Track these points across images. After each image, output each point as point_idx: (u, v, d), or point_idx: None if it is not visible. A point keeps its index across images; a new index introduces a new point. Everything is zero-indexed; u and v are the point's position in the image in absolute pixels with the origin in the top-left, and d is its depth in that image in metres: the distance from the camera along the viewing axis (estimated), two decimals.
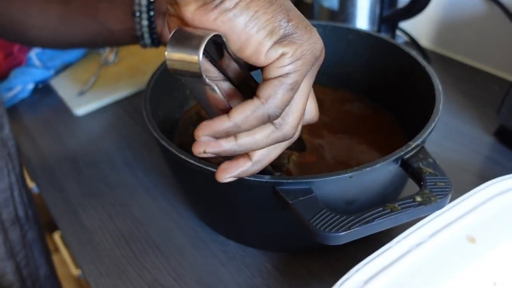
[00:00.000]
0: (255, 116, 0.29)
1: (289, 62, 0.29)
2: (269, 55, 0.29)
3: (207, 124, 0.30)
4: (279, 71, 0.29)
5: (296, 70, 0.29)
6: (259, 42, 0.28)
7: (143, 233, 0.52)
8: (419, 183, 0.36)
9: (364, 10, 0.75)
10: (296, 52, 0.29)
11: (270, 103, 0.29)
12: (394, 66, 0.53)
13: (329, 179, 0.36)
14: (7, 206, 0.55)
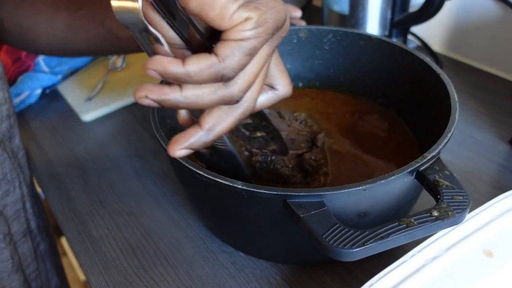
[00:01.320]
0: (209, 71, 0.29)
1: (251, 28, 0.28)
2: (233, 19, 0.28)
3: (160, 60, 0.29)
4: (240, 35, 0.28)
5: (257, 36, 0.29)
6: (223, 6, 0.28)
7: (151, 243, 0.51)
8: (436, 196, 0.35)
9: (375, 15, 0.74)
10: (259, 19, 0.29)
11: (226, 63, 0.29)
12: (407, 73, 0.52)
13: (342, 192, 0.35)
14: (18, 219, 0.55)
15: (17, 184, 0.53)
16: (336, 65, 0.60)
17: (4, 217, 0.52)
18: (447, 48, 0.80)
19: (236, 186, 0.35)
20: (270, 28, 0.30)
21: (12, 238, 0.53)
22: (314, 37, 0.58)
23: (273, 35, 0.31)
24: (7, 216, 0.53)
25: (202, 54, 0.29)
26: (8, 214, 0.53)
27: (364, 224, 0.39)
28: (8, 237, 0.52)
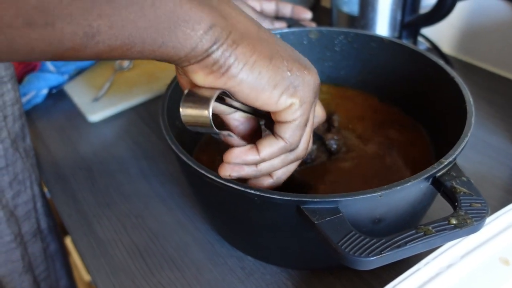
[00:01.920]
0: (279, 152, 0.36)
1: (297, 108, 0.34)
2: (279, 105, 0.33)
3: (237, 154, 0.35)
4: (292, 116, 0.34)
5: (304, 112, 0.34)
6: (268, 97, 0.32)
7: (159, 246, 0.50)
8: (453, 203, 0.34)
9: (385, 16, 0.73)
10: (301, 100, 0.34)
11: (291, 142, 0.35)
12: (420, 75, 0.51)
13: (357, 198, 0.34)
14: (29, 219, 0.54)
15: (29, 184, 0.53)
16: (346, 67, 0.59)
17: (15, 218, 0.52)
18: (458, 50, 0.79)
19: (248, 191, 0.35)
20: (311, 99, 0.35)
21: (23, 239, 0.53)
22: (325, 39, 0.58)
23: (314, 101, 0.36)
24: (18, 217, 0.52)
25: (270, 139, 0.35)
26: (19, 215, 0.53)
27: (378, 230, 0.38)
28: (19, 237, 0.52)
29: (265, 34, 0.32)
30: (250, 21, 0.32)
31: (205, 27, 0.28)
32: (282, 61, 0.32)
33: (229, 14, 0.30)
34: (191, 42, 0.28)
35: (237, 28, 0.30)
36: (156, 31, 0.26)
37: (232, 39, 0.29)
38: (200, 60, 0.29)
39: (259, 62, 0.31)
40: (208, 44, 0.29)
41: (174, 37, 0.27)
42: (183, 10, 0.27)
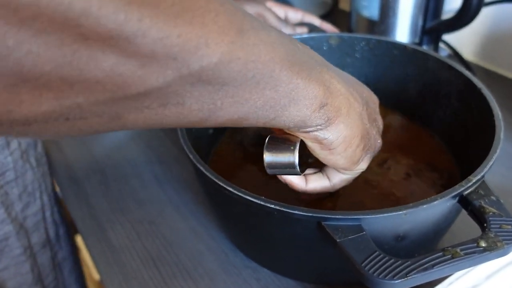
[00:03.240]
0: (321, 189, 0.39)
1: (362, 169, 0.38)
2: (356, 170, 0.37)
3: (293, 182, 0.39)
4: (354, 173, 0.38)
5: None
6: (351, 164, 0.36)
7: (172, 254, 0.49)
8: (482, 224, 0.33)
9: (405, 21, 0.71)
10: (371, 158, 0.38)
11: (335, 187, 0.39)
12: (444, 86, 0.50)
13: (381, 216, 0.33)
14: (38, 229, 0.54)
15: (38, 195, 0.52)
16: (367, 74, 0.57)
17: (24, 230, 0.51)
18: (480, 57, 0.77)
19: (268, 205, 0.33)
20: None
21: (32, 250, 0.52)
22: (346, 45, 0.56)
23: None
24: (27, 228, 0.52)
25: (318, 177, 0.39)
26: (28, 226, 0.52)
27: (401, 247, 0.37)
28: (28, 250, 0.52)
29: (352, 95, 0.34)
30: (344, 87, 0.33)
31: (317, 104, 0.30)
32: (371, 139, 0.36)
33: (332, 86, 0.31)
34: (303, 118, 0.30)
35: (339, 101, 0.32)
36: (271, 108, 0.28)
37: (336, 115, 0.32)
38: (308, 131, 0.32)
39: (354, 140, 0.34)
40: (320, 122, 0.31)
41: (287, 113, 0.29)
42: (299, 89, 0.28)
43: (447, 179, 0.46)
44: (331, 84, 0.31)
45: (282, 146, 0.34)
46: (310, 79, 0.29)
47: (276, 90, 0.27)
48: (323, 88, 0.30)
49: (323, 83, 0.30)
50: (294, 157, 0.34)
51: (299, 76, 0.28)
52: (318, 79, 0.30)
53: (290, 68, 0.27)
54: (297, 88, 0.28)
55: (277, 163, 0.34)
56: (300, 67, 0.28)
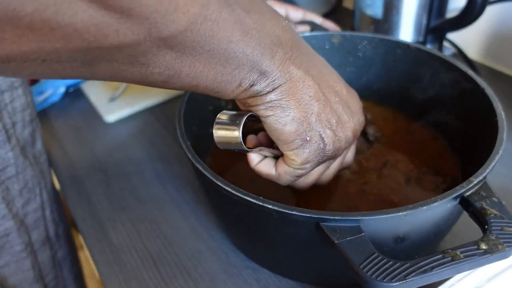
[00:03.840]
0: (266, 174, 0.40)
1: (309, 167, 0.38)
2: (292, 164, 0.37)
3: (260, 170, 0.40)
4: (294, 169, 0.38)
5: (312, 169, 0.38)
6: (279, 141, 0.36)
7: (172, 254, 0.49)
8: (483, 226, 0.32)
9: (409, 20, 0.71)
10: (314, 161, 0.37)
11: (281, 177, 0.39)
12: (447, 85, 0.49)
13: (380, 218, 0.32)
14: (38, 227, 0.54)
15: (38, 192, 0.52)
16: (369, 73, 0.57)
17: (25, 226, 0.51)
18: (485, 56, 0.77)
19: (266, 206, 0.33)
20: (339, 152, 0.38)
21: (33, 247, 0.52)
22: (348, 43, 0.56)
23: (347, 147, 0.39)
24: (28, 225, 0.52)
25: (268, 162, 0.40)
26: (28, 223, 0.52)
27: (400, 249, 0.37)
28: (29, 246, 0.52)
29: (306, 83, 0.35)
30: (301, 71, 0.34)
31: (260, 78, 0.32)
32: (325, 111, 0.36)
33: (285, 68, 0.33)
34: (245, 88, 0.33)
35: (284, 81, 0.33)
36: (219, 83, 0.31)
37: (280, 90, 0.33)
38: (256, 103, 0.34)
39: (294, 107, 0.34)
40: (262, 89, 0.33)
41: (231, 86, 0.32)
42: (246, 69, 0.31)
43: (450, 182, 0.46)
44: (281, 63, 0.32)
45: (230, 121, 0.35)
46: (262, 55, 0.31)
47: (225, 66, 0.30)
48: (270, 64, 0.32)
49: (273, 60, 0.32)
50: (238, 131, 0.34)
51: (250, 59, 0.30)
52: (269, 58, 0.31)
53: (242, 49, 0.29)
54: (244, 68, 0.31)
55: (224, 137, 0.35)
56: (254, 49, 0.30)
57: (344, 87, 0.39)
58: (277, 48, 0.32)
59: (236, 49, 0.29)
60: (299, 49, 0.34)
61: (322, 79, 0.36)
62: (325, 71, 0.37)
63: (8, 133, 0.49)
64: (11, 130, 0.49)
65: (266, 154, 0.40)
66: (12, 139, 0.49)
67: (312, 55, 0.36)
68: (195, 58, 0.28)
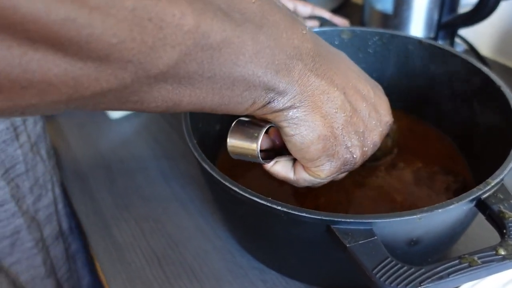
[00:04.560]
0: (283, 177, 0.37)
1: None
2: (315, 175, 0.35)
3: (277, 172, 0.37)
4: (314, 179, 0.35)
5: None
6: (304, 160, 0.33)
7: (177, 253, 0.48)
8: (501, 230, 0.31)
9: (421, 15, 0.69)
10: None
11: (299, 182, 0.37)
12: (461, 83, 0.48)
13: (394, 221, 0.31)
14: (50, 222, 0.53)
15: (50, 187, 0.52)
16: (380, 70, 0.55)
17: (36, 223, 0.51)
18: (497, 53, 0.75)
19: (275, 207, 0.32)
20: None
21: (45, 243, 0.52)
22: (358, 39, 0.54)
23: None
24: (40, 221, 0.52)
25: (286, 164, 0.36)
26: (40, 219, 0.52)
27: (414, 252, 0.35)
28: (41, 242, 0.51)
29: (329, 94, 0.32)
30: (322, 80, 0.31)
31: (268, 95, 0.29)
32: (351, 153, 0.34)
33: (302, 79, 0.30)
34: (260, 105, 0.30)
35: (302, 93, 0.30)
36: (227, 104, 0.28)
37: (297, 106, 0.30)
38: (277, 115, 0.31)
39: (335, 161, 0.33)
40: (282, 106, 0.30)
41: (243, 104, 0.29)
42: (257, 88, 0.28)
43: (461, 182, 0.44)
44: (301, 76, 0.30)
45: (247, 132, 0.33)
46: (272, 75, 0.28)
47: (233, 90, 0.27)
48: (287, 80, 0.29)
49: (288, 75, 0.29)
50: (256, 144, 0.32)
51: (260, 79, 0.27)
52: (281, 73, 0.28)
53: (252, 71, 0.27)
54: (255, 88, 0.28)
55: (240, 148, 0.33)
56: (266, 69, 0.27)
57: (371, 89, 0.36)
58: (295, 61, 0.29)
59: (244, 72, 0.26)
60: (322, 56, 0.31)
61: (348, 85, 0.33)
62: (351, 74, 0.34)
63: (17, 130, 0.49)
64: (21, 126, 0.49)
65: (283, 160, 0.37)
66: (21, 136, 0.49)
67: (335, 59, 0.33)
68: (195, 86, 0.25)
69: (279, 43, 0.27)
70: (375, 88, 0.37)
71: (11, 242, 0.50)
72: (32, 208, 0.52)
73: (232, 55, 0.25)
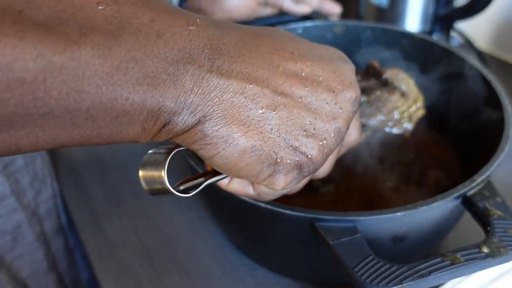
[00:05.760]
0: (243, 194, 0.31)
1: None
2: (268, 188, 0.28)
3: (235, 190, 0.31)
4: (271, 191, 0.29)
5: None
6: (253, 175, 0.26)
7: (168, 249, 0.48)
8: (485, 227, 0.31)
9: (416, 8, 0.68)
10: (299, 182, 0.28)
11: (261, 196, 0.30)
12: (453, 78, 0.47)
13: (377, 218, 0.31)
14: (50, 217, 0.54)
15: (49, 182, 0.52)
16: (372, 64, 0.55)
17: (37, 217, 0.51)
18: (494, 46, 0.74)
19: (259, 205, 0.32)
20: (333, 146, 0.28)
21: (46, 237, 0.52)
22: (351, 33, 0.54)
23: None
24: (40, 215, 0.52)
25: (243, 181, 0.30)
26: (41, 213, 0.52)
27: (399, 249, 0.35)
28: (42, 237, 0.51)
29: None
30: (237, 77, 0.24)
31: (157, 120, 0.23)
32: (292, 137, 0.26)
33: (201, 87, 0.23)
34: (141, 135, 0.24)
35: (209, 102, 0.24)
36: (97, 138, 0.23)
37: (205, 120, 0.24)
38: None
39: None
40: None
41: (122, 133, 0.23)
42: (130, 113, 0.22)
43: (453, 178, 0.44)
44: (197, 83, 0.23)
45: (155, 159, 0.27)
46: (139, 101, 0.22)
47: (96, 121, 0.21)
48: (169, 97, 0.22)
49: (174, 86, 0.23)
50: (162, 172, 0.26)
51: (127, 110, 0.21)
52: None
53: (112, 96, 0.21)
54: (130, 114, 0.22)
55: (149, 180, 0.27)
56: (135, 89, 0.21)
57: (318, 62, 0.27)
58: (183, 66, 0.22)
59: (102, 98, 0.20)
60: (226, 49, 0.24)
61: (275, 72, 0.25)
62: (278, 56, 0.26)
63: None
64: None
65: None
66: None
67: (252, 44, 0.26)
68: (28, 127, 0.20)
69: (150, 51, 0.21)
70: (325, 59, 0.28)
71: (13, 237, 0.51)
72: (33, 203, 0.52)
73: (69, 83, 0.19)
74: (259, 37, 0.26)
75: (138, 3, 0.22)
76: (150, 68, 0.21)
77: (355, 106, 0.29)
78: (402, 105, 0.44)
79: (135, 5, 0.21)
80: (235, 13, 0.53)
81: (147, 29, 0.21)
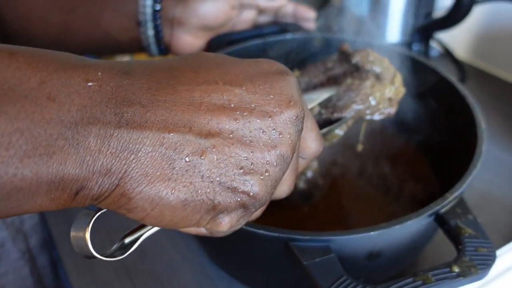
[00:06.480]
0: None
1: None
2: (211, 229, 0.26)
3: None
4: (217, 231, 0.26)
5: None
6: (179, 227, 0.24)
7: (147, 264, 0.48)
8: (457, 245, 0.31)
9: (396, 19, 0.69)
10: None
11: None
12: (427, 91, 0.48)
13: (351, 237, 0.31)
14: (36, 232, 0.53)
15: None
16: None
17: (22, 233, 0.50)
18: (473, 56, 0.75)
19: None
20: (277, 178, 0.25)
21: (32, 253, 0.51)
22: (329, 46, 0.54)
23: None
24: (26, 232, 0.51)
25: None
26: (26, 230, 0.51)
27: (375, 265, 0.36)
28: (28, 253, 0.51)
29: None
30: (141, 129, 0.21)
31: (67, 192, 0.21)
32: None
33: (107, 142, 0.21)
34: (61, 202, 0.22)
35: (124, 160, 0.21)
36: None
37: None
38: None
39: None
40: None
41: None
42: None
43: (429, 192, 0.45)
44: (105, 142, 0.21)
45: (82, 221, 0.25)
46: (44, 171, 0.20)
47: None
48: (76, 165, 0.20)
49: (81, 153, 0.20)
50: (86, 233, 0.25)
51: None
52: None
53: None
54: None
55: (77, 242, 0.25)
56: (17, 165, 0.19)
57: (246, 87, 0.24)
58: (83, 128, 0.20)
59: None
60: (136, 96, 0.22)
61: (198, 111, 0.22)
62: (199, 91, 0.23)
63: None
64: None
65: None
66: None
67: (167, 83, 0.23)
68: None
69: (39, 118, 0.19)
70: (257, 79, 0.25)
71: None
72: (17, 220, 0.51)
73: None
74: (178, 74, 0.24)
75: (23, 67, 0.20)
76: (41, 137, 0.19)
77: (298, 126, 0.25)
78: (378, 90, 0.39)
79: (18, 70, 0.20)
80: (211, 19, 0.52)
81: (35, 93, 0.19)
